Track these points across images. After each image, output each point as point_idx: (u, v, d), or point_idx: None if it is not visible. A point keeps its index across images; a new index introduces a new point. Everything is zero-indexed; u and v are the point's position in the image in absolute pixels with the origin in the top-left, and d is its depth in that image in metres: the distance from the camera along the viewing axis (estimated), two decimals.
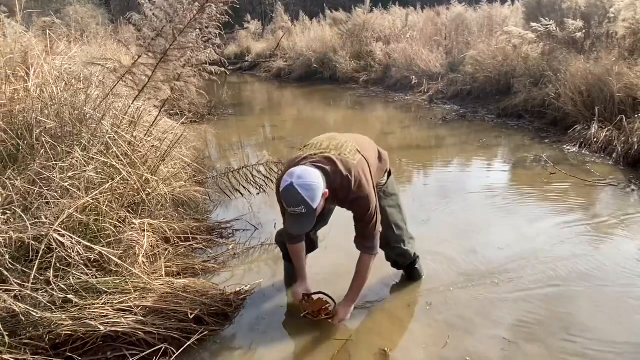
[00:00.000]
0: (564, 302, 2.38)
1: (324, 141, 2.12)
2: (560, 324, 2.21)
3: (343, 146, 2.07)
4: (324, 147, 2.06)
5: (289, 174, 1.88)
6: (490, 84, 7.26)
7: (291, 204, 1.86)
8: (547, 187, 3.92)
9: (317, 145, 2.10)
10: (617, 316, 2.26)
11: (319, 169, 1.94)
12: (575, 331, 2.16)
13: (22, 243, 2.07)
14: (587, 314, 2.28)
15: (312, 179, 1.86)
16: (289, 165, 2.04)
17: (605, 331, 2.15)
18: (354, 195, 2.00)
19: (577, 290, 2.47)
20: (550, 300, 2.40)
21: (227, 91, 8.72)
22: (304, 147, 2.17)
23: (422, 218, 3.37)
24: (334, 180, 1.95)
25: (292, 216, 1.90)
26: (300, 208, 1.85)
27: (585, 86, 5.31)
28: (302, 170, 1.88)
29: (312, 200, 1.85)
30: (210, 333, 2.21)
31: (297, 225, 1.93)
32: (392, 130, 6.45)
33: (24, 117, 2.77)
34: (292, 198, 1.84)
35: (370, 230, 2.10)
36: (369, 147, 2.27)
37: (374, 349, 2.09)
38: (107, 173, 2.60)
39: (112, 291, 2.15)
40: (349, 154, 2.03)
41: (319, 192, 1.87)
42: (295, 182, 1.83)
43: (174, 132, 3.58)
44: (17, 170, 2.46)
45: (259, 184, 3.83)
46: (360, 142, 2.20)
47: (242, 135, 6.54)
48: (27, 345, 1.87)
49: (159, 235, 2.78)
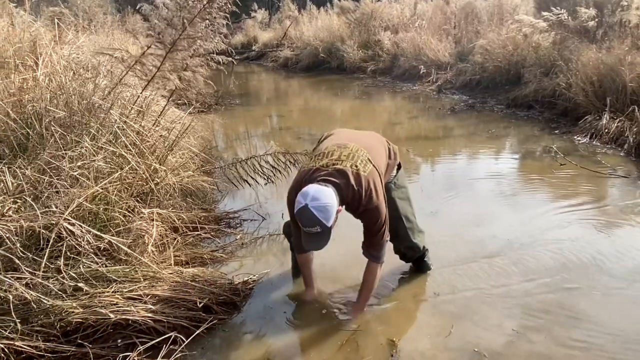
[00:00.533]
0: (572, 292, 2.37)
1: (334, 150, 2.07)
2: (567, 314, 2.20)
3: (354, 156, 2.03)
4: (335, 158, 2.02)
5: (303, 194, 1.86)
6: (499, 74, 7.17)
7: (306, 225, 1.87)
8: (556, 178, 3.88)
9: (327, 154, 2.06)
10: (624, 307, 2.25)
11: (332, 184, 1.92)
12: (583, 321, 2.15)
13: (32, 231, 2.08)
14: (595, 304, 2.27)
15: (327, 200, 1.85)
16: (302, 178, 2.02)
17: (611, 322, 2.14)
18: (363, 207, 2.01)
19: (585, 280, 2.46)
20: (557, 289, 2.39)
21: (234, 81, 8.68)
22: (314, 156, 2.12)
23: (430, 209, 3.35)
24: (346, 195, 1.95)
25: (307, 234, 1.91)
26: (316, 228, 1.86)
27: (597, 76, 5.23)
28: (316, 191, 1.86)
29: (327, 220, 1.85)
30: (219, 322, 2.23)
31: (314, 243, 1.94)
32: (399, 120, 6.41)
33: (33, 106, 2.78)
34: (307, 219, 1.85)
35: (377, 239, 2.11)
36: (379, 148, 2.24)
37: (381, 339, 2.10)
38: (115, 162, 2.61)
39: (122, 280, 2.17)
40: (360, 165, 2.00)
41: (334, 211, 1.87)
42: (310, 204, 1.83)
43: (182, 122, 3.58)
44: (27, 159, 2.48)
45: (267, 174, 3.83)
46: (370, 146, 2.16)
47: (249, 126, 6.53)
48: (38, 332, 1.89)
49: (168, 225, 2.79)
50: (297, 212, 1.87)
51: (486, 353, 1.98)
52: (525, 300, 2.32)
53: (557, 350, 1.99)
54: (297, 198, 1.88)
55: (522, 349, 2.01)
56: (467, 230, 3.03)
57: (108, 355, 1.94)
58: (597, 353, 1.97)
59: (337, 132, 2.37)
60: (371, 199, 2.00)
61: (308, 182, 1.96)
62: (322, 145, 2.19)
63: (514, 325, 2.14)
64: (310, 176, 1.99)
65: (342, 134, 2.30)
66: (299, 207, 1.85)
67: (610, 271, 2.54)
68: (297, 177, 2.08)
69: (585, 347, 2.00)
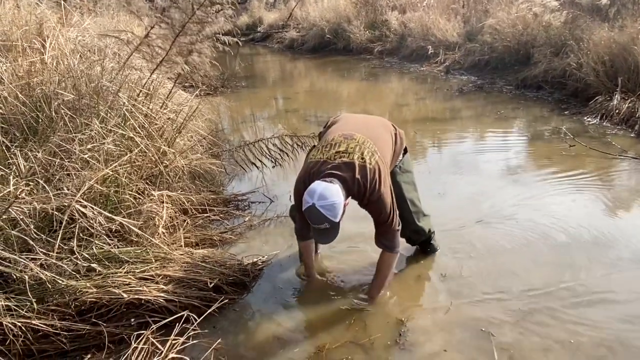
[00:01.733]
0: (578, 271, 2.38)
1: (341, 142, 2.07)
2: (571, 292, 2.22)
3: (361, 148, 2.04)
4: (342, 150, 2.03)
5: (310, 193, 1.88)
6: (509, 54, 7.05)
7: (315, 222, 1.90)
8: (565, 159, 3.86)
9: (334, 145, 2.07)
10: (626, 282, 2.28)
11: (338, 178, 1.94)
12: (587, 300, 2.17)
13: (45, 213, 2.12)
14: (601, 283, 2.28)
15: (334, 198, 1.87)
16: (309, 170, 2.03)
17: (616, 301, 2.16)
18: (367, 199, 2.03)
19: (591, 259, 2.47)
20: (564, 269, 2.40)
21: (240, 63, 8.64)
22: (321, 147, 2.11)
23: (438, 191, 3.35)
24: (352, 188, 1.97)
25: (316, 230, 1.94)
26: (324, 225, 1.89)
27: (609, 56, 5.14)
28: (323, 190, 1.87)
29: (335, 217, 1.88)
30: (230, 301, 2.27)
31: (323, 237, 1.98)
32: (406, 102, 6.36)
33: (42, 89, 2.79)
34: (315, 217, 1.88)
35: (387, 228, 2.12)
36: (385, 137, 2.22)
37: (389, 318, 2.13)
38: (125, 145, 2.63)
39: (134, 261, 2.21)
40: (366, 156, 2.01)
41: (341, 207, 1.89)
42: (317, 203, 1.85)
43: (189, 104, 3.58)
44: (37, 142, 2.50)
45: (274, 157, 3.84)
46: (377, 137, 2.15)
47: (255, 108, 6.51)
48: (54, 312, 1.94)
49: (177, 207, 2.82)
50: (305, 211, 1.89)
51: (494, 332, 2.01)
52: (531, 282, 2.34)
53: (564, 328, 2.01)
54: (305, 197, 1.90)
55: (530, 329, 2.03)
56: (475, 212, 3.03)
57: (122, 334, 1.99)
58: (605, 330, 1.99)
59: (344, 117, 2.36)
60: (375, 191, 2.01)
61: (316, 174, 1.99)
62: (328, 134, 2.18)
63: (520, 305, 2.16)
64: (318, 169, 2.01)
65: (349, 121, 2.29)
66: (306, 206, 1.88)
67: (618, 251, 2.54)
68: (305, 168, 2.10)
69: (591, 324, 2.02)
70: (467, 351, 1.92)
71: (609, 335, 1.97)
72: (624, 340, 1.94)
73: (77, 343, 1.96)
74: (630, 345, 1.92)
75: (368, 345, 1.98)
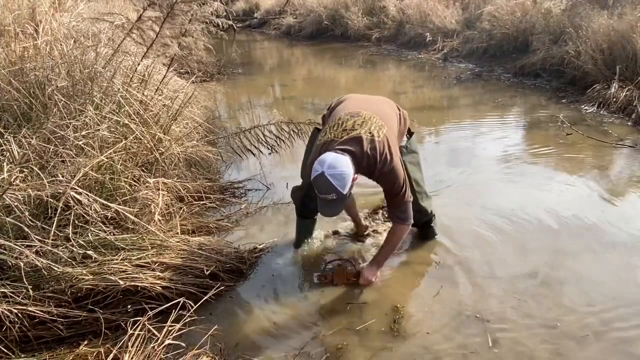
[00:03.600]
0: (572, 258, 2.40)
1: (348, 120, 2.08)
2: (566, 279, 2.23)
3: (368, 123, 2.04)
4: (349, 127, 2.03)
5: (320, 162, 1.90)
6: (507, 41, 7.01)
7: (323, 192, 1.90)
8: (562, 147, 3.86)
9: (341, 124, 2.07)
10: (618, 270, 2.31)
11: (348, 153, 1.95)
12: (582, 286, 2.20)
13: (40, 200, 2.10)
14: (596, 270, 2.30)
15: (343, 167, 1.88)
16: (318, 153, 2.03)
17: (609, 287, 2.18)
18: (379, 172, 2.04)
19: (586, 246, 2.49)
20: (558, 256, 2.42)
21: (236, 49, 8.56)
22: (329, 127, 2.10)
23: (436, 179, 3.35)
24: (361, 162, 1.98)
25: (323, 201, 1.95)
26: (332, 195, 1.90)
27: (607, 43, 5.11)
28: (333, 159, 1.89)
29: (343, 188, 1.89)
30: (226, 288, 2.27)
31: (329, 209, 1.98)
32: (404, 90, 6.33)
33: (35, 75, 2.75)
34: (324, 187, 1.88)
35: (400, 200, 2.13)
36: (391, 115, 2.23)
37: (383, 305, 2.14)
38: (120, 132, 2.60)
39: (130, 248, 2.21)
40: (374, 130, 2.02)
41: (349, 179, 1.90)
42: (326, 171, 1.86)
43: (185, 91, 3.54)
44: (31, 128, 2.47)
45: (270, 144, 3.81)
46: (383, 113, 2.16)
47: (252, 95, 6.46)
48: (50, 298, 1.94)
49: (173, 194, 2.81)
50: (314, 179, 1.90)
51: (491, 318, 2.02)
52: (525, 268, 2.35)
53: (553, 312, 2.03)
54: (314, 165, 1.91)
55: (525, 314, 2.05)
56: (472, 200, 3.04)
57: (118, 320, 1.99)
58: (597, 315, 2.01)
59: (349, 97, 2.36)
60: (386, 163, 2.02)
61: (325, 151, 1.98)
62: (335, 114, 2.18)
63: (515, 292, 2.18)
64: (327, 147, 2.01)
65: (355, 101, 2.29)
66: (315, 175, 1.89)
67: (610, 238, 2.56)
68: (315, 150, 2.10)
69: (588, 311, 2.04)
70: (461, 337, 1.94)
71: (593, 318, 2.00)
72: (608, 323, 1.98)
73: (73, 329, 1.96)
74: (613, 328, 1.96)
75: (363, 331, 1.99)
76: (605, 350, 1.85)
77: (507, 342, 1.90)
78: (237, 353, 1.91)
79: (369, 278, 2.24)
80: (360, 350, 1.90)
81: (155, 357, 1.66)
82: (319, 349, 1.91)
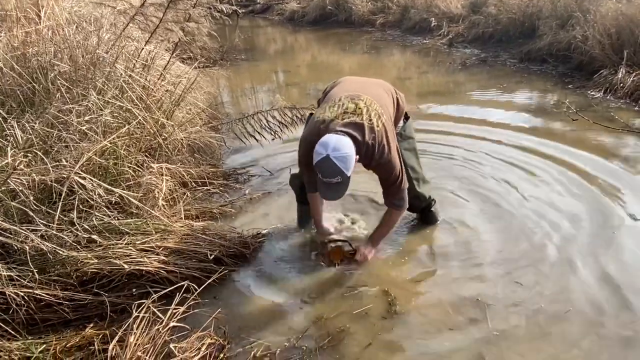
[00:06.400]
0: (573, 242, 2.40)
1: (348, 102, 2.04)
2: (553, 261, 2.25)
3: (368, 109, 2.01)
4: (350, 111, 2.01)
5: (324, 145, 1.86)
6: (514, 26, 6.92)
7: (327, 175, 1.88)
8: (568, 133, 3.82)
9: (341, 105, 2.04)
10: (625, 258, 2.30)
11: (349, 136, 1.92)
12: (568, 268, 2.22)
13: (44, 185, 2.12)
14: (601, 254, 2.30)
15: (347, 149, 1.87)
16: (317, 129, 2.00)
17: (612, 270, 2.18)
18: (376, 162, 2.03)
19: (590, 231, 2.48)
20: (561, 241, 2.42)
21: (239, 35, 8.48)
22: (327, 106, 2.07)
23: (437, 166, 3.34)
24: (360, 149, 1.97)
25: (327, 184, 1.93)
26: (337, 178, 1.88)
27: (616, 28, 5.03)
28: (337, 141, 1.86)
29: (347, 170, 1.88)
30: (230, 273, 2.29)
31: (334, 193, 1.97)
32: (409, 75, 6.27)
33: (37, 60, 2.74)
34: (329, 169, 1.86)
35: (396, 188, 2.13)
36: (387, 100, 2.20)
37: (382, 289, 2.15)
38: (123, 117, 2.60)
39: (134, 232, 2.22)
40: (373, 118, 2.00)
41: (353, 160, 1.90)
42: (331, 154, 1.84)
43: (188, 76, 3.53)
44: (34, 113, 2.47)
45: (274, 130, 3.81)
46: (379, 98, 2.14)
47: (255, 81, 6.43)
48: (56, 282, 1.96)
49: (177, 180, 2.82)
50: (318, 163, 1.88)
51: (490, 302, 2.04)
52: (525, 251, 2.36)
53: (547, 294, 2.04)
54: (317, 149, 1.88)
55: (524, 298, 2.06)
56: (474, 187, 3.03)
57: (123, 303, 2.02)
58: (601, 297, 2.02)
59: (345, 80, 2.33)
60: (384, 154, 2.01)
61: (324, 131, 1.96)
62: (333, 95, 2.15)
63: (516, 277, 2.19)
64: (327, 126, 1.98)
65: (352, 83, 2.26)
66: (319, 158, 1.86)
67: (609, 222, 2.56)
68: (312, 127, 2.06)
69: (583, 297, 2.05)
70: (461, 318, 1.95)
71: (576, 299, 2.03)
72: (594, 302, 2.02)
73: (79, 312, 1.99)
74: (598, 307, 1.99)
75: (363, 315, 2.01)
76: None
77: (507, 324, 1.92)
78: (240, 336, 1.93)
79: (365, 254, 2.27)
80: (361, 333, 1.92)
81: (159, 339, 1.69)
82: (322, 331, 1.93)
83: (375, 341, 1.88)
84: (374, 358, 1.81)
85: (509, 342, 1.84)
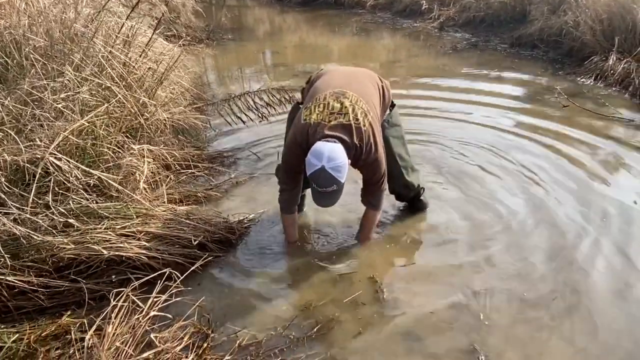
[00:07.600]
0: (562, 230, 2.38)
1: (334, 102, 1.97)
2: (554, 251, 2.22)
3: (354, 108, 1.96)
4: (336, 111, 1.95)
5: (317, 156, 1.82)
6: (505, 11, 6.86)
7: (323, 185, 1.86)
8: (557, 119, 3.80)
9: (327, 105, 1.97)
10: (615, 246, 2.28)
11: (340, 140, 1.89)
12: (571, 259, 2.19)
13: (17, 166, 2.00)
14: (584, 244, 2.29)
15: (341, 158, 1.84)
16: (305, 132, 1.95)
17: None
18: (363, 161, 2.01)
19: (579, 221, 2.46)
20: (552, 230, 2.40)
21: (226, 14, 8.26)
22: (313, 106, 1.98)
23: (425, 153, 3.28)
24: (349, 151, 1.93)
25: (321, 194, 1.90)
26: (332, 187, 1.86)
27: (607, 14, 5.00)
28: (330, 151, 1.83)
29: (342, 178, 1.87)
30: (214, 259, 2.21)
31: (329, 201, 1.95)
32: (398, 59, 6.18)
33: (10, 33, 2.59)
34: (325, 180, 1.84)
35: (377, 189, 2.15)
36: (373, 92, 2.14)
37: (371, 276, 2.11)
38: (102, 95, 2.48)
39: (114, 217, 2.12)
40: (360, 117, 1.96)
41: (347, 167, 1.88)
42: (326, 165, 1.81)
43: (171, 54, 3.39)
44: (6, 90, 2.33)
45: (261, 112, 3.70)
46: (365, 92, 2.07)
47: (242, 62, 6.26)
48: (30, 268, 1.87)
49: (159, 162, 2.72)
50: (313, 174, 1.84)
51: (479, 288, 2.00)
52: (519, 240, 2.34)
53: (531, 280, 2.02)
54: (310, 160, 1.84)
55: (515, 285, 2.03)
56: (462, 174, 2.99)
57: (102, 291, 1.93)
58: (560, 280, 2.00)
59: (329, 72, 2.24)
60: (371, 153, 1.99)
61: (313, 137, 1.92)
62: (317, 90, 2.06)
63: (504, 262, 2.16)
64: (315, 130, 1.93)
65: (336, 76, 2.17)
66: (314, 170, 1.82)
67: (605, 211, 2.54)
68: (299, 129, 1.99)
69: (578, 286, 2.03)
70: (449, 305, 1.92)
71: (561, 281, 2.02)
72: (576, 286, 2.02)
73: (55, 300, 1.90)
74: (580, 290, 2.00)
75: (351, 302, 1.96)
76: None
77: (499, 315, 1.89)
78: (225, 324, 1.86)
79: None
80: (350, 320, 1.88)
81: (139, 328, 1.61)
82: (310, 320, 1.88)
83: (364, 329, 1.83)
84: (364, 346, 1.77)
85: (499, 330, 1.81)
